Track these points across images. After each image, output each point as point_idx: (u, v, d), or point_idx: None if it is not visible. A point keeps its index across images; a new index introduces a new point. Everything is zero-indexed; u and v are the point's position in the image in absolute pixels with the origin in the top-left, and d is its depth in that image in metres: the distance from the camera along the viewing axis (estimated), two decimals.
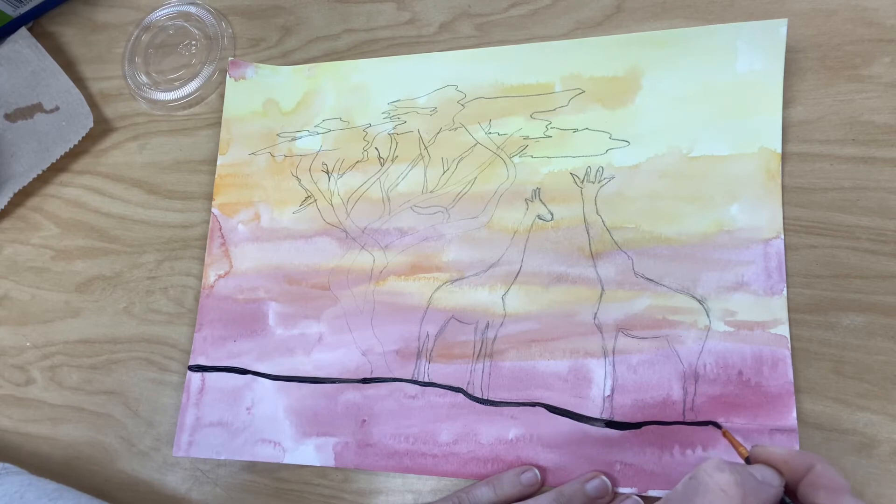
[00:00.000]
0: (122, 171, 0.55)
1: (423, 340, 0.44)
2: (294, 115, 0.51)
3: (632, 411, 0.40)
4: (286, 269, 0.48)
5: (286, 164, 0.50)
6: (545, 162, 0.45)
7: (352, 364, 0.45)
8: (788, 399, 0.37)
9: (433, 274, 0.45)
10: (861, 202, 0.39)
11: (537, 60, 0.46)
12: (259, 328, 0.47)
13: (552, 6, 0.48)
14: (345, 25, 0.52)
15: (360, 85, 0.50)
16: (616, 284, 0.42)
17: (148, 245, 0.52)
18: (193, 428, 0.46)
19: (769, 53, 0.42)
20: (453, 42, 0.49)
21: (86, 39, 0.59)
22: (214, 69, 0.54)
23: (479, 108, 0.47)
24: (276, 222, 0.49)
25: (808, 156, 0.41)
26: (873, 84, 0.41)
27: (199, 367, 0.48)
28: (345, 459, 0.43)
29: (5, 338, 0.53)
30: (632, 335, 0.41)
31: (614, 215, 0.43)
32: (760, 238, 0.40)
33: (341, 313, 0.46)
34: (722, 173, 0.41)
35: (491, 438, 0.41)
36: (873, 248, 0.39)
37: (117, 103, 0.56)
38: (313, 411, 0.45)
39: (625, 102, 0.44)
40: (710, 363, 0.39)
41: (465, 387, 0.43)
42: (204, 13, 0.55)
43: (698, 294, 0.40)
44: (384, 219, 0.47)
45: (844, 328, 0.38)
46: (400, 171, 0.47)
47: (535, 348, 0.42)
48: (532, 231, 0.44)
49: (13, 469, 0.44)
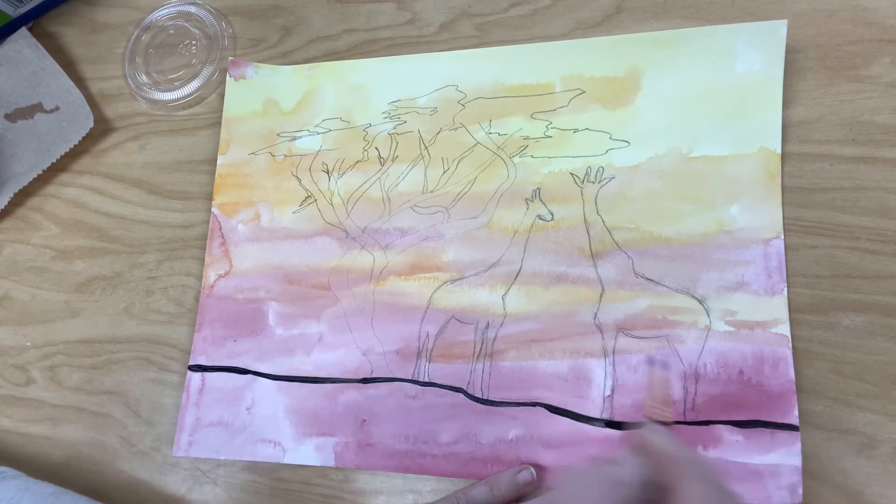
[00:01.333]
0: (122, 171, 0.55)
1: (423, 340, 0.44)
2: (294, 114, 0.51)
3: (632, 411, 0.40)
4: (286, 268, 0.48)
5: (286, 164, 0.50)
6: (545, 162, 0.45)
7: (352, 364, 0.45)
8: (790, 398, 0.37)
9: (433, 274, 0.45)
10: (861, 202, 0.39)
11: (537, 60, 0.46)
12: (259, 328, 0.47)
13: (552, 6, 0.48)
14: (345, 25, 0.52)
15: (360, 85, 0.50)
16: (616, 284, 0.42)
17: (148, 245, 0.52)
18: (193, 428, 0.46)
19: (769, 54, 0.42)
20: (453, 42, 0.49)
21: (86, 39, 0.59)
22: (214, 69, 0.54)
23: (479, 108, 0.47)
24: (276, 222, 0.49)
25: (808, 156, 0.41)
26: (873, 84, 0.41)
27: (199, 367, 0.48)
28: (345, 459, 0.43)
29: (5, 338, 0.53)
30: (632, 335, 0.41)
31: (614, 215, 0.43)
32: (760, 238, 0.40)
33: (341, 313, 0.46)
34: (722, 173, 0.41)
35: (491, 438, 0.41)
36: (873, 248, 0.39)
37: (117, 103, 0.56)
38: (313, 411, 0.45)
39: (625, 103, 0.44)
40: (711, 363, 0.39)
41: (465, 387, 0.43)
42: (204, 13, 0.55)
43: (698, 294, 0.40)
44: (384, 219, 0.47)
45: (844, 328, 0.38)
46: (400, 171, 0.47)
47: (535, 348, 0.42)
48: (532, 231, 0.44)
49: (10, 472, 0.44)
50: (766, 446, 0.37)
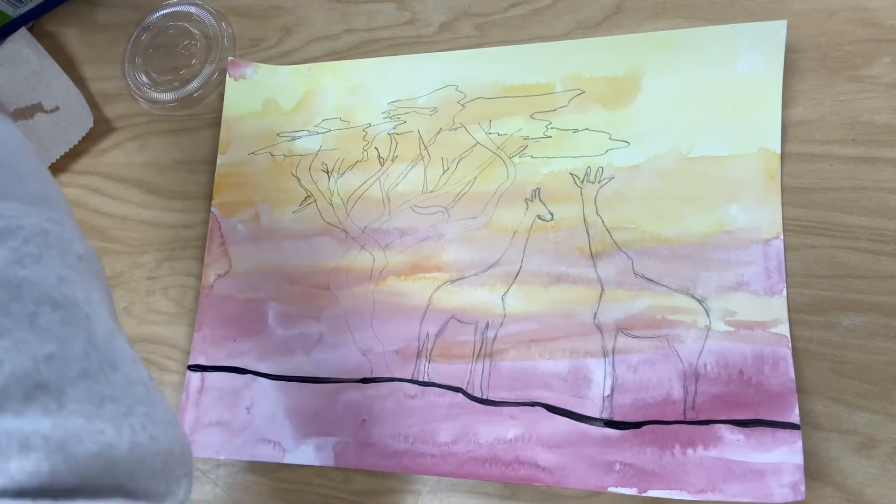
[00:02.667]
0: (122, 171, 0.55)
1: (423, 340, 0.44)
2: (294, 114, 0.51)
3: (632, 411, 0.40)
4: (286, 268, 0.48)
5: (286, 164, 0.50)
6: (545, 162, 0.45)
7: (352, 364, 0.45)
8: (790, 397, 0.37)
9: (433, 274, 0.45)
10: (861, 202, 0.39)
11: (537, 60, 0.46)
12: (259, 328, 0.47)
13: (552, 6, 0.48)
14: (345, 25, 0.52)
15: (359, 85, 0.50)
16: (616, 284, 0.42)
17: (148, 245, 0.52)
18: (193, 427, 0.46)
19: (769, 54, 0.42)
20: (453, 42, 0.49)
21: (86, 39, 0.59)
22: (214, 69, 0.54)
23: (479, 109, 0.47)
24: (275, 222, 0.49)
25: (807, 156, 0.41)
26: (873, 84, 0.41)
27: (199, 367, 0.48)
28: (345, 459, 0.43)
29: None
30: (632, 335, 0.41)
31: (614, 215, 0.43)
32: (760, 238, 0.40)
33: (341, 313, 0.46)
34: (722, 174, 0.41)
35: (490, 438, 0.41)
36: (873, 248, 0.39)
37: (117, 103, 0.56)
38: (313, 411, 0.45)
39: (625, 103, 0.44)
40: (711, 362, 0.39)
41: (464, 387, 0.43)
42: (204, 13, 0.55)
43: (698, 294, 0.40)
44: (384, 219, 0.47)
45: (844, 328, 0.38)
46: (400, 171, 0.47)
47: (534, 348, 0.42)
48: (532, 231, 0.44)
49: None
50: (768, 445, 0.37)
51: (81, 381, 0.26)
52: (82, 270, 0.29)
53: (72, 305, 0.27)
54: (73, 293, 0.28)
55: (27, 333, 0.26)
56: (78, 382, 0.26)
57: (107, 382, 0.27)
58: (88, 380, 0.26)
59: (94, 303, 0.29)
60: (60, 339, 0.26)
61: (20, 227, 0.28)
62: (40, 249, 0.28)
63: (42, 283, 0.27)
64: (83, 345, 0.27)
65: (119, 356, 0.28)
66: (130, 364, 0.29)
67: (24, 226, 0.28)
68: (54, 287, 0.27)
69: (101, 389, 0.27)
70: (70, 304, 0.27)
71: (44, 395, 0.25)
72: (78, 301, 0.28)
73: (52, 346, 0.26)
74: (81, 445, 0.25)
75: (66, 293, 0.28)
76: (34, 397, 0.25)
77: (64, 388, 0.26)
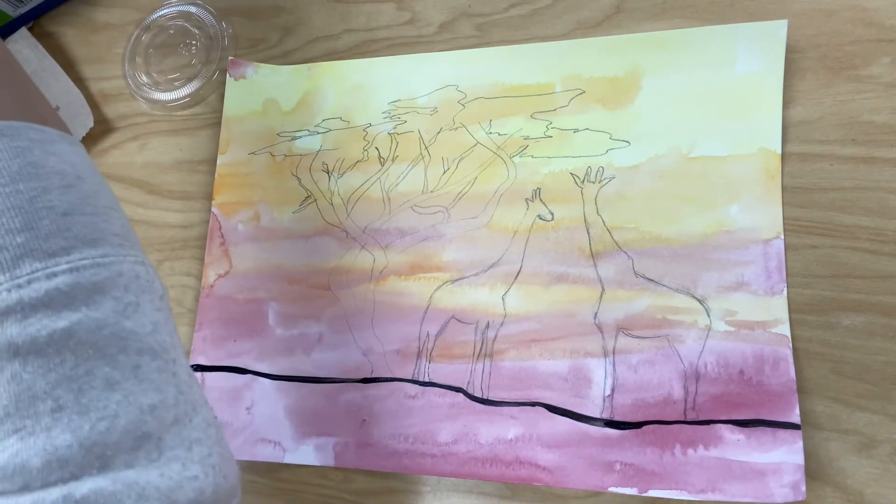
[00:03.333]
0: (122, 171, 0.55)
1: (423, 340, 0.44)
2: (294, 114, 0.51)
3: (632, 411, 0.40)
4: (286, 268, 0.48)
5: (286, 164, 0.50)
6: (545, 162, 0.45)
7: (352, 364, 0.45)
8: (791, 397, 0.37)
9: (433, 274, 0.45)
10: (861, 202, 0.40)
11: (537, 60, 0.46)
12: (259, 328, 0.47)
13: (552, 6, 0.48)
14: (345, 25, 0.52)
15: (359, 85, 0.50)
16: (616, 284, 0.42)
17: (148, 245, 0.52)
18: None
19: (769, 54, 0.42)
20: (453, 42, 0.49)
21: (86, 39, 0.59)
22: (214, 69, 0.54)
23: (479, 108, 0.47)
24: (275, 222, 0.49)
25: (807, 156, 0.41)
26: (873, 84, 0.41)
27: (199, 367, 0.48)
28: (345, 459, 0.43)
29: None
30: (632, 335, 0.41)
31: (614, 215, 0.43)
32: (760, 238, 0.40)
33: (341, 313, 0.46)
34: (722, 174, 0.41)
35: (490, 438, 0.41)
36: (873, 248, 0.39)
37: (117, 103, 0.56)
38: (313, 411, 0.45)
39: (625, 103, 0.44)
40: (711, 362, 0.39)
41: (464, 387, 0.43)
42: (204, 13, 0.55)
43: (698, 294, 0.40)
44: (384, 218, 0.47)
45: (844, 328, 0.38)
46: (400, 171, 0.47)
47: (535, 348, 0.42)
48: (532, 231, 0.44)
49: None
50: (768, 445, 0.37)
51: (174, 427, 0.27)
52: (165, 311, 0.30)
53: (164, 352, 0.28)
54: (163, 339, 0.29)
55: (134, 385, 0.26)
56: (172, 429, 0.27)
57: (192, 426, 0.28)
58: (179, 425, 0.27)
59: (177, 345, 0.30)
60: (159, 387, 0.27)
61: (119, 275, 0.28)
62: (137, 297, 0.28)
63: (141, 332, 0.28)
64: (174, 391, 0.28)
65: (198, 399, 0.29)
66: (206, 405, 0.30)
67: (122, 272, 0.28)
68: (151, 336, 0.28)
69: (189, 433, 0.27)
70: (163, 350, 0.28)
71: (147, 443, 0.26)
72: (167, 347, 0.29)
73: (154, 396, 0.27)
74: (183, 493, 0.26)
75: (159, 341, 0.28)
76: (140, 447, 0.26)
77: (162, 435, 0.26)
